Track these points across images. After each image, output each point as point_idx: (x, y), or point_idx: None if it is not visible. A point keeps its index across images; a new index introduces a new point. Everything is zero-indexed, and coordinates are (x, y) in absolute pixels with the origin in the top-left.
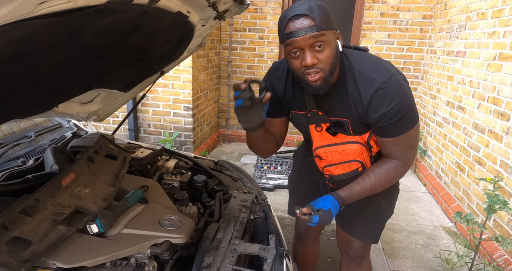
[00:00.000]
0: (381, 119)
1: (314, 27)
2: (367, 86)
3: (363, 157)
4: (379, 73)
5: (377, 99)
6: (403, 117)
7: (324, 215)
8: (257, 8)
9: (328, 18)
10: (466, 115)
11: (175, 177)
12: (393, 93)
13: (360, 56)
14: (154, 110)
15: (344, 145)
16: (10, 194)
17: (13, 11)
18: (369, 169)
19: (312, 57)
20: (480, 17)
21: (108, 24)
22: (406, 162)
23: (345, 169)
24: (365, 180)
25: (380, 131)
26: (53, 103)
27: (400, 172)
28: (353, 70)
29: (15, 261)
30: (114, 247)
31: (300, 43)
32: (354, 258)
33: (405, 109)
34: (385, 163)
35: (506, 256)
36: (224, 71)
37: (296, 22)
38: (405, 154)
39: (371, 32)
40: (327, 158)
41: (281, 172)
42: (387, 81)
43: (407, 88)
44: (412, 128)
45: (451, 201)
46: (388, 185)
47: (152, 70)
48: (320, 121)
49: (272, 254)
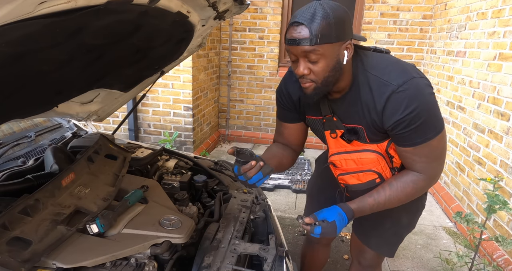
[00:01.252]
0: (397, 126)
1: (307, 40)
2: (382, 90)
3: (380, 167)
4: (395, 76)
5: (391, 105)
6: (422, 124)
7: (327, 226)
8: (257, 8)
9: (330, 30)
10: (466, 115)
11: (175, 177)
12: (410, 97)
13: (376, 59)
14: (154, 110)
15: (359, 153)
16: (10, 194)
17: (13, 11)
18: (387, 180)
19: (304, 67)
20: (480, 17)
21: (108, 24)
22: (429, 176)
23: (360, 179)
24: (379, 192)
25: (397, 139)
26: (53, 103)
27: (422, 186)
28: (367, 73)
29: (15, 261)
30: (114, 247)
31: (294, 52)
32: (365, 267)
33: (425, 115)
34: (405, 175)
35: (506, 256)
36: (224, 71)
37: (295, 30)
38: (427, 166)
39: (371, 32)
40: (341, 165)
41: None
42: (403, 84)
43: (428, 92)
44: (434, 137)
45: (451, 201)
46: (406, 200)
47: (152, 70)
48: (335, 127)
49: (272, 254)
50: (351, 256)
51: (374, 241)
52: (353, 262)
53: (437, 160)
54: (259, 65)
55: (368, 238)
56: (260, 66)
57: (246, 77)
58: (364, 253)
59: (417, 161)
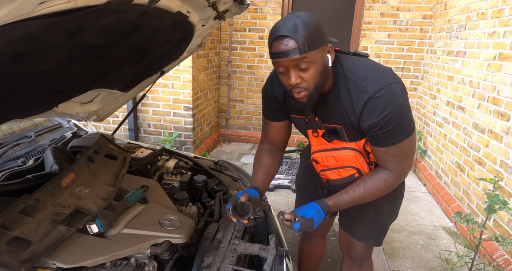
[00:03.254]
0: (372, 128)
1: (296, 50)
2: (360, 96)
3: (359, 163)
4: (373, 82)
5: (368, 109)
6: (395, 128)
7: (305, 222)
8: (257, 8)
9: (314, 37)
10: (466, 115)
11: (175, 177)
12: (385, 103)
13: (355, 64)
14: (154, 110)
15: (339, 151)
16: (10, 194)
17: (13, 11)
18: (361, 178)
19: (296, 77)
20: (480, 17)
21: (108, 24)
22: (398, 174)
23: (341, 174)
24: (354, 189)
25: (372, 140)
26: (53, 103)
27: (392, 183)
28: (347, 79)
29: (15, 261)
30: (114, 247)
31: (283, 64)
32: (356, 260)
33: (397, 120)
34: (377, 173)
35: (506, 256)
36: (224, 71)
37: (280, 43)
38: (397, 165)
39: (371, 32)
40: (323, 162)
41: (281, 172)
42: (379, 91)
43: (402, 98)
44: (404, 139)
45: (451, 201)
46: (378, 195)
47: (152, 70)
48: (317, 127)
49: (272, 254)
50: (342, 251)
51: (360, 232)
52: (344, 257)
53: (406, 160)
54: (259, 65)
55: (354, 230)
56: (260, 66)
57: (246, 77)
58: (353, 246)
59: (389, 160)
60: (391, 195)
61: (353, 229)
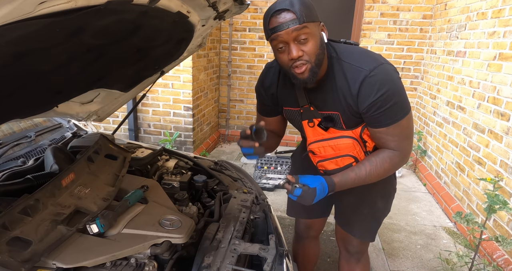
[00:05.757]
0: (371, 108)
1: (296, 20)
2: (355, 76)
3: (356, 151)
4: (367, 62)
5: (365, 88)
6: (393, 106)
7: (307, 191)
8: (257, 8)
9: (310, 11)
10: (466, 115)
11: (175, 177)
12: (381, 81)
13: (348, 49)
14: (154, 110)
15: (336, 140)
16: (10, 194)
17: (13, 11)
18: (366, 158)
19: (297, 50)
20: (480, 17)
21: (108, 24)
22: (403, 152)
23: (338, 163)
24: (360, 167)
25: (371, 122)
26: (53, 103)
27: (397, 162)
28: (341, 62)
29: (15, 261)
30: (114, 247)
31: (284, 37)
32: (353, 254)
33: (394, 98)
34: (382, 152)
35: (506, 256)
36: (224, 71)
37: (278, 17)
38: (400, 144)
39: (371, 32)
40: (320, 153)
41: (281, 172)
42: (374, 69)
43: (396, 77)
44: (403, 118)
45: (451, 201)
46: (383, 175)
47: (152, 70)
48: (312, 116)
49: (272, 254)
50: (338, 246)
51: (356, 228)
52: (341, 252)
53: (408, 139)
54: (259, 65)
55: (350, 226)
56: (260, 66)
57: (246, 77)
58: (350, 240)
59: (391, 140)
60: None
61: (349, 225)
